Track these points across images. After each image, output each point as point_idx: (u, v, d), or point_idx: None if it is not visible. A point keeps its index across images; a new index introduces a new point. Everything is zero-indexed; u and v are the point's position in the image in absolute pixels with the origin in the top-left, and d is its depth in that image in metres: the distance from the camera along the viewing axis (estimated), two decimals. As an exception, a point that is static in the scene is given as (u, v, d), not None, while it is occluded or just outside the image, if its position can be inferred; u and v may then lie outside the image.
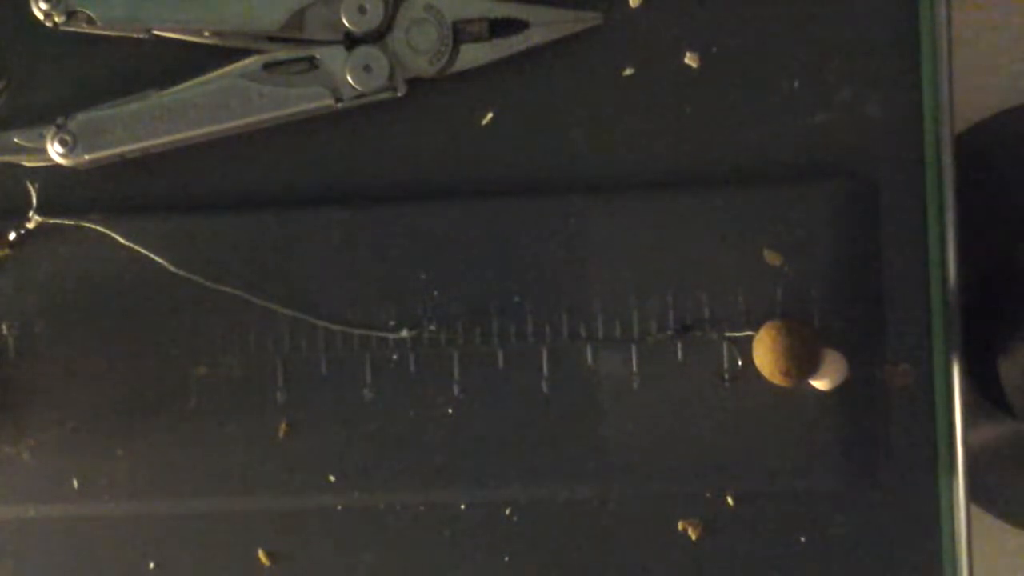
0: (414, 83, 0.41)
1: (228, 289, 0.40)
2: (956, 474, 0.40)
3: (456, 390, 0.40)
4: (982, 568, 0.42)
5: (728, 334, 0.40)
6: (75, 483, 0.41)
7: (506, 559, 0.41)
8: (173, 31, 0.40)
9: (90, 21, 0.40)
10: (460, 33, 0.40)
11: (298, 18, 0.40)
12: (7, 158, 0.41)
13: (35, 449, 0.41)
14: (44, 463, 0.41)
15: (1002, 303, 0.45)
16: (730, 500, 0.41)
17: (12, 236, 0.41)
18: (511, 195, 0.41)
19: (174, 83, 0.40)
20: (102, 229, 0.40)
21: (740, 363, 0.39)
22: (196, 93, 0.40)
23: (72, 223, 0.40)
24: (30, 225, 0.40)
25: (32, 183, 0.41)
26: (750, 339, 0.39)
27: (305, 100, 0.40)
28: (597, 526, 0.41)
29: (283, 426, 0.40)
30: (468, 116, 0.41)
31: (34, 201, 0.41)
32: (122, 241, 0.40)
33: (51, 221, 0.40)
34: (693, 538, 0.41)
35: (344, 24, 0.40)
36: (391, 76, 0.40)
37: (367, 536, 0.42)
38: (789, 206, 0.40)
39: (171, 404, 0.41)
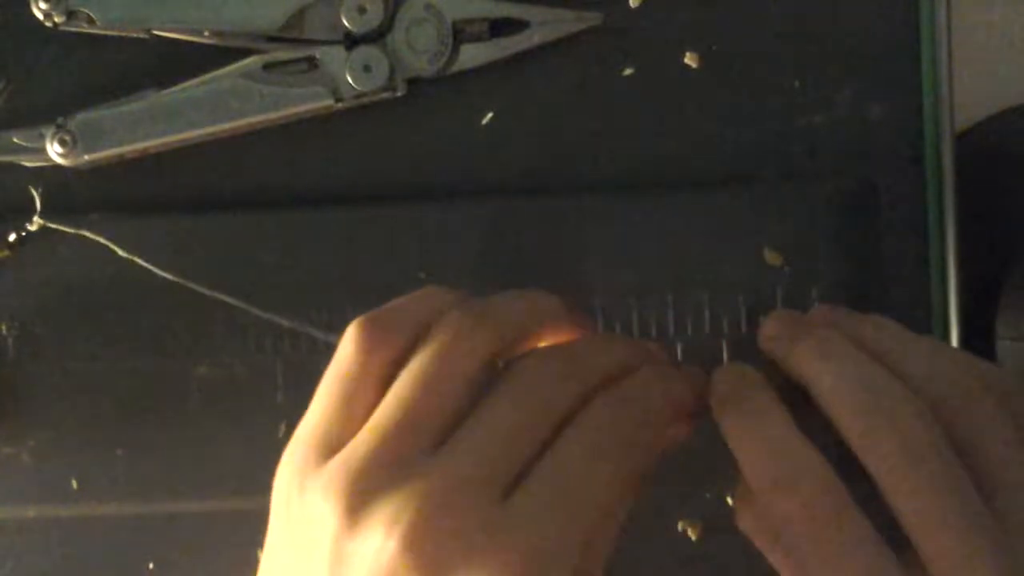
0: (414, 83, 0.41)
1: (224, 297, 0.40)
2: (956, 474, 0.40)
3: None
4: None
5: (728, 334, 0.40)
6: (75, 483, 0.41)
7: (506, 559, 0.41)
8: (173, 31, 0.40)
9: (90, 21, 0.40)
10: (460, 33, 0.40)
11: (298, 18, 0.40)
12: (7, 158, 0.41)
13: (35, 449, 0.41)
14: (44, 463, 0.41)
15: (1002, 303, 0.45)
16: (730, 500, 0.41)
17: (12, 237, 0.41)
18: (511, 195, 0.41)
19: (174, 83, 0.40)
20: (102, 240, 0.40)
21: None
22: (196, 93, 0.40)
23: (72, 231, 0.40)
24: (32, 228, 0.40)
25: (35, 187, 0.41)
26: (750, 339, 0.39)
27: (305, 100, 0.40)
28: (597, 526, 0.41)
29: (283, 426, 0.40)
30: (468, 116, 0.41)
31: (38, 206, 0.40)
32: (120, 253, 0.40)
33: (52, 226, 0.40)
34: (693, 538, 0.41)
35: (344, 24, 0.40)
36: (391, 76, 0.40)
37: (367, 536, 0.41)
38: (789, 206, 0.40)
39: (171, 404, 0.41)
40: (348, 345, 0.31)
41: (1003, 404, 0.31)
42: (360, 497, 0.28)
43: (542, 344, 0.34)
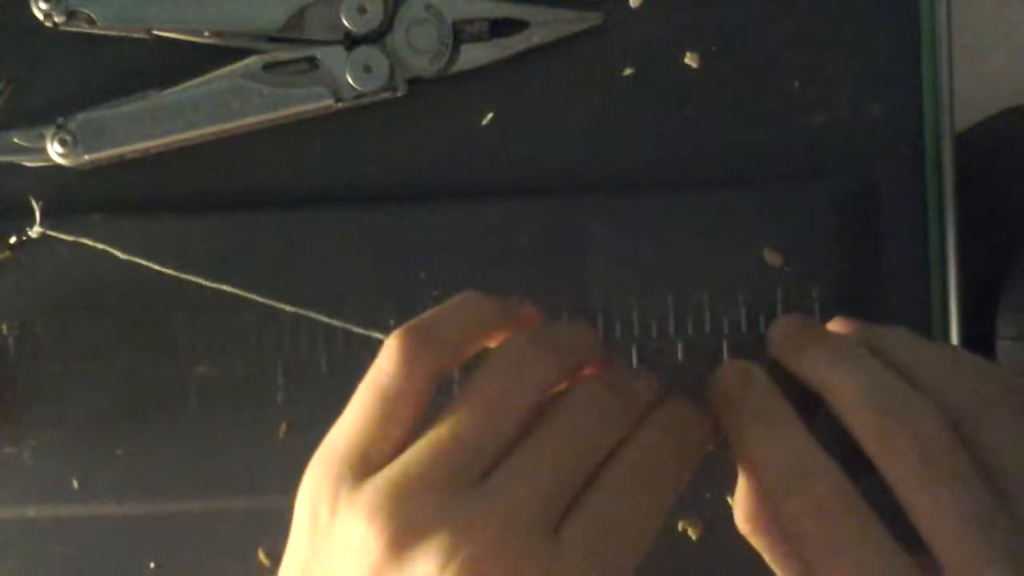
0: (414, 83, 0.41)
1: (227, 288, 0.40)
2: (956, 474, 0.40)
3: (456, 390, 0.40)
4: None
5: (728, 334, 0.40)
6: (75, 483, 0.41)
7: (506, 559, 0.41)
8: (173, 31, 0.40)
9: (90, 21, 0.40)
10: (460, 33, 0.40)
11: (298, 18, 0.40)
12: (7, 158, 0.41)
13: (35, 449, 0.41)
14: (44, 463, 0.41)
15: (1002, 302, 0.45)
16: (730, 500, 0.41)
17: (13, 240, 0.41)
18: (511, 195, 0.41)
19: (174, 83, 0.40)
20: (101, 246, 0.40)
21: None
22: (196, 93, 0.40)
23: (72, 239, 0.40)
24: (33, 234, 0.40)
25: (35, 192, 0.41)
26: (750, 339, 0.39)
27: (305, 100, 0.40)
28: (597, 526, 0.41)
29: (283, 426, 0.40)
30: (468, 116, 0.41)
31: (38, 216, 0.40)
32: (121, 256, 0.40)
33: (52, 234, 0.40)
34: (693, 538, 0.41)
35: (344, 24, 0.40)
36: (391, 76, 0.40)
37: (367, 536, 0.41)
38: (789, 206, 0.40)
39: (171, 404, 0.41)
40: (389, 357, 0.30)
41: (1020, 410, 0.30)
42: (407, 525, 0.27)
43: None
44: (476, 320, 0.32)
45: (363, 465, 0.29)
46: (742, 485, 0.33)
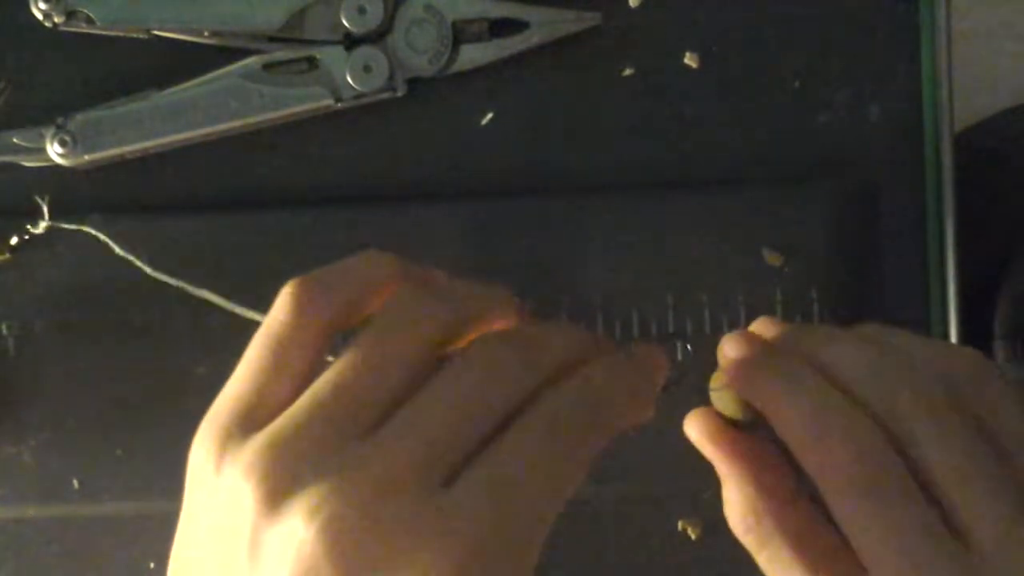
0: (414, 83, 0.41)
1: (211, 296, 0.40)
2: (956, 474, 0.40)
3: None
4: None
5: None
6: (75, 483, 0.41)
7: (506, 559, 0.41)
8: (173, 31, 0.40)
9: (90, 21, 0.40)
10: (460, 33, 0.40)
11: (298, 18, 0.40)
12: (7, 158, 0.41)
13: (35, 449, 0.41)
14: (44, 463, 0.41)
15: (1000, 302, 0.45)
16: (730, 500, 0.41)
17: (15, 240, 0.41)
18: (511, 195, 0.41)
19: (174, 83, 0.40)
20: (103, 237, 0.40)
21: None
22: (196, 93, 0.40)
23: (75, 227, 0.40)
24: (38, 230, 0.40)
25: (38, 192, 0.41)
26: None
27: (305, 100, 0.40)
28: (597, 526, 0.41)
29: (283, 426, 0.40)
30: (468, 116, 0.41)
31: (46, 213, 0.40)
32: (118, 251, 0.40)
33: (59, 225, 0.40)
34: (693, 538, 0.41)
35: (344, 24, 0.40)
36: (391, 76, 0.40)
37: (367, 536, 0.41)
38: (789, 206, 0.40)
39: (171, 404, 0.40)
40: (280, 306, 0.29)
41: (961, 420, 0.29)
42: (283, 480, 0.26)
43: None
44: (375, 276, 0.31)
45: (249, 422, 0.28)
46: (736, 485, 0.32)
